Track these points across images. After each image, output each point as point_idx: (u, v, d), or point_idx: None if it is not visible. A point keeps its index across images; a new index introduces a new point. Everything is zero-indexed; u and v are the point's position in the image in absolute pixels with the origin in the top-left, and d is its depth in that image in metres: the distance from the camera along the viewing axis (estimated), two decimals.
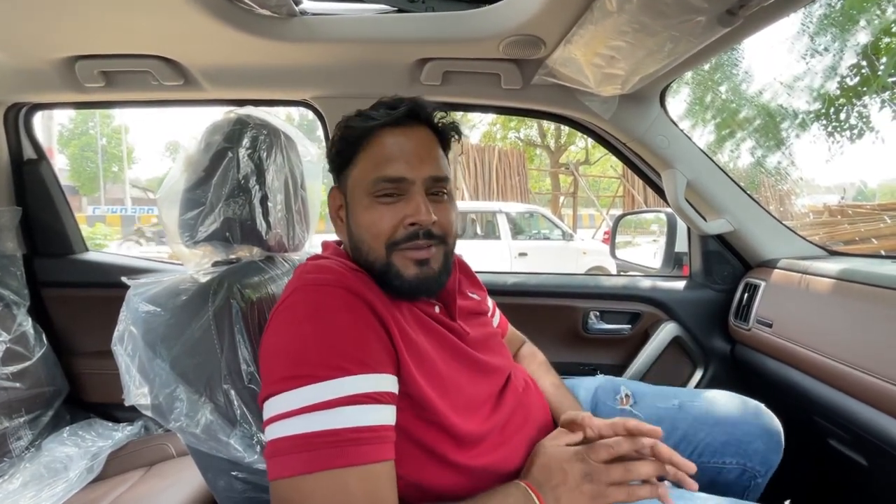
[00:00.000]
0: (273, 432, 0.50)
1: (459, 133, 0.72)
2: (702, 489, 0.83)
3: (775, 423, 0.85)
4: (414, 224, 0.62)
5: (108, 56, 1.06)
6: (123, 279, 0.70)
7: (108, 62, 1.07)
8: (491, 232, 5.55)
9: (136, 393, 0.64)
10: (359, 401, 0.50)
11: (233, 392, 0.67)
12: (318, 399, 0.49)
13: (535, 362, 0.90)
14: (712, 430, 0.82)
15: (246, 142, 0.79)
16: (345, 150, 0.67)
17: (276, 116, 0.89)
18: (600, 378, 0.97)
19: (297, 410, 0.49)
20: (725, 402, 0.86)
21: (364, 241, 0.64)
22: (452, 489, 0.61)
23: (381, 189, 0.63)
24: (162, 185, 0.81)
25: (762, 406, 0.86)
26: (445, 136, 0.71)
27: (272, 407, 0.51)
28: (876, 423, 0.80)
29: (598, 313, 1.39)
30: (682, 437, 0.83)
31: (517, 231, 5.75)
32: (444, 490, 0.61)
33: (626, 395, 0.88)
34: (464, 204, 7.09)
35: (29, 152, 1.39)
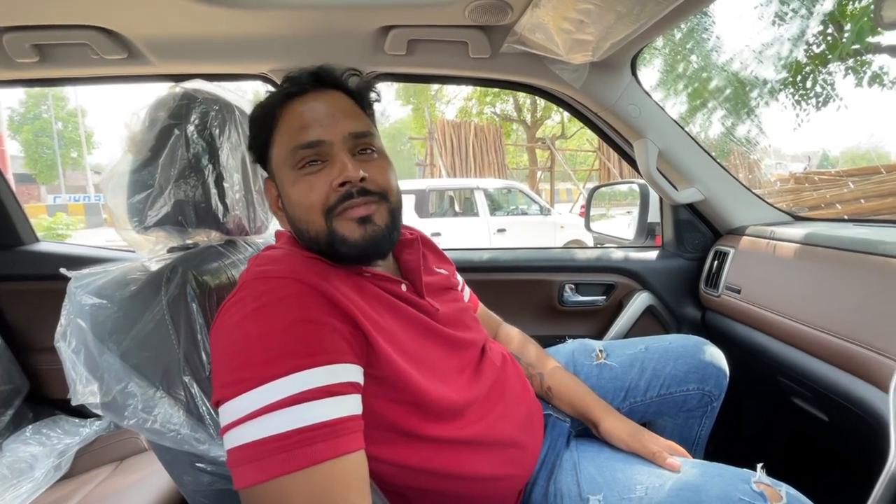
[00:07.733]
0: (227, 441, 0.47)
1: (378, 92, 0.70)
2: (670, 417, 0.93)
3: (718, 350, 0.94)
4: (343, 184, 0.59)
5: (41, 27, 0.96)
6: (62, 271, 0.65)
7: (41, 34, 0.98)
8: (469, 209, 5.53)
9: (84, 391, 0.60)
10: (309, 397, 0.47)
11: (194, 384, 0.64)
12: (265, 402, 0.46)
13: (527, 351, 0.91)
14: (676, 363, 0.89)
15: (195, 118, 0.73)
16: (260, 134, 0.66)
17: (232, 91, 0.83)
18: (575, 342, 1.00)
19: (245, 417, 0.46)
20: (682, 340, 0.94)
21: (301, 218, 0.62)
22: (434, 464, 0.60)
23: (302, 157, 0.61)
24: (106, 167, 0.75)
25: (706, 340, 0.94)
26: (363, 98, 0.68)
27: (223, 415, 0.48)
28: (835, 380, 0.82)
29: (573, 286, 1.40)
30: (652, 373, 0.89)
31: (495, 207, 5.74)
32: (426, 466, 0.60)
33: (601, 351, 0.95)
34: (441, 181, 7.01)
35: None
